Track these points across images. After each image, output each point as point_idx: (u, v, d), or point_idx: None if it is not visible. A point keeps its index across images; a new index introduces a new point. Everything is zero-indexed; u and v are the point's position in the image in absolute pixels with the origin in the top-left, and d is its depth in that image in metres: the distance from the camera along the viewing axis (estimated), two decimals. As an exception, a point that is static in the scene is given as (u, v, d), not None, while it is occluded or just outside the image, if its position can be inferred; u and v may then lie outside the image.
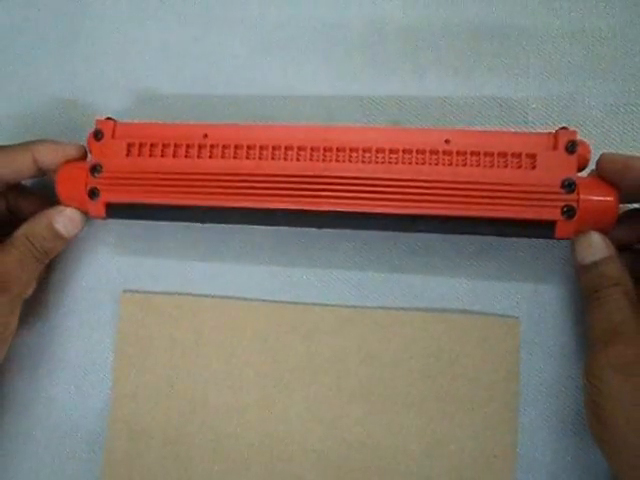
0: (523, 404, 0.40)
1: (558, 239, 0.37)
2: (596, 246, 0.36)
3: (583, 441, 0.40)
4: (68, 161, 0.41)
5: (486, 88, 0.43)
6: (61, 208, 0.41)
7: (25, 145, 0.40)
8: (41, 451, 0.45)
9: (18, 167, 0.40)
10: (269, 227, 0.42)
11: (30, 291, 0.42)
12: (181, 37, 0.46)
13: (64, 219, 0.41)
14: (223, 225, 0.43)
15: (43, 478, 0.44)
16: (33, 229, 0.40)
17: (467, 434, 0.40)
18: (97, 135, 0.40)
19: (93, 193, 0.40)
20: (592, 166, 0.37)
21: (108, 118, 0.41)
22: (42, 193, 0.45)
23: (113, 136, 0.40)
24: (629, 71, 0.41)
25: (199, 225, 0.43)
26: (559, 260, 0.41)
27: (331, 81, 0.44)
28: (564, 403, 0.40)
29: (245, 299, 0.43)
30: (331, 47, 0.44)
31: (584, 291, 0.37)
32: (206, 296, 0.44)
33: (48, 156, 0.40)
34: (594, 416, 0.35)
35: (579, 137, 0.36)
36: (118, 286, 0.45)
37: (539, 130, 0.41)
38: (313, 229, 0.41)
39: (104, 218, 0.40)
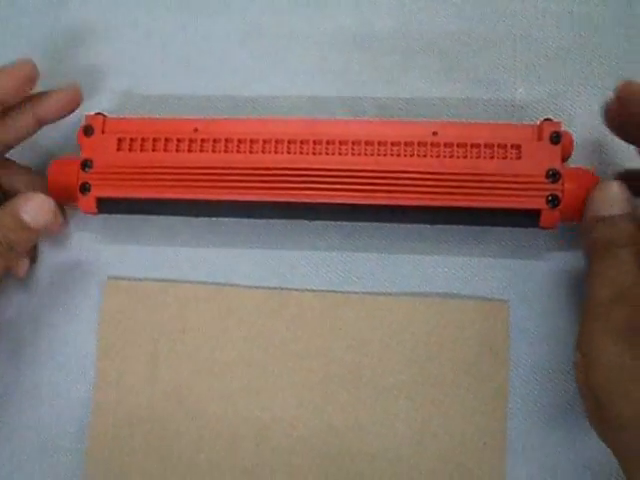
0: (513, 390, 0.40)
1: (543, 228, 0.37)
2: (617, 199, 0.34)
3: (574, 427, 0.40)
4: (59, 159, 0.41)
5: (473, 72, 0.43)
6: (29, 195, 0.37)
7: (25, 107, 0.40)
8: (24, 441, 0.44)
9: (22, 130, 0.39)
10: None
11: None
12: (167, 25, 0.46)
13: (32, 207, 0.37)
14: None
15: (27, 469, 0.44)
16: None
17: (456, 421, 0.40)
18: (87, 130, 0.40)
19: (84, 188, 0.40)
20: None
21: (98, 113, 0.41)
22: (36, 171, 0.44)
23: (103, 131, 0.40)
24: (618, 55, 0.42)
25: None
26: (549, 242, 0.41)
27: (317, 77, 0.44)
28: (555, 388, 0.40)
29: (231, 285, 0.44)
30: (318, 40, 0.45)
31: (591, 248, 0.35)
32: (191, 282, 0.44)
33: (48, 109, 0.40)
34: (588, 394, 0.33)
35: (563, 128, 0.37)
36: (102, 273, 0.45)
37: (526, 114, 0.42)
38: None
39: (95, 213, 0.40)
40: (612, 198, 0.34)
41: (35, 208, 0.37)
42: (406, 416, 0.41)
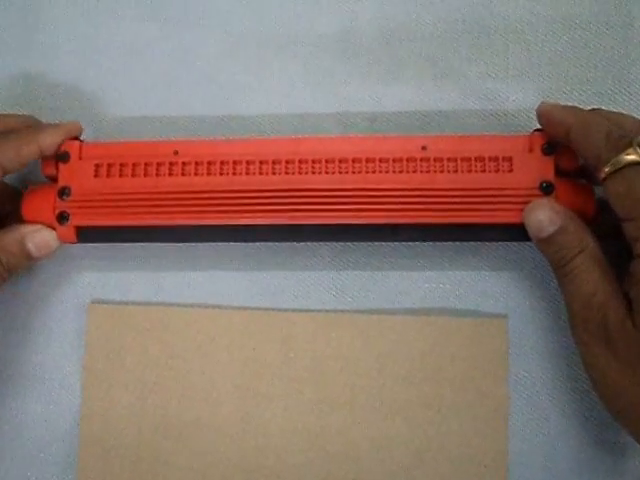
0: (513, 409, 0.39)
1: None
2: (546, 217, 0.35)
3: (577, 446, 0.39)
4: (34, 187, 0.40)
5: (464, 80, 0.42)
6: (37, 227, 0.39)
7: (30, 137, 0.39)
8: (8, 476, 0.43)
9: (25, 159, 0.38)
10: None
11: None
12: (144, 38, 0.45)
13: (38, 240, 0.39)
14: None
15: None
16: (2, 243, 0.38)
17: (455, 442, 0.39)
18: (63, 157, 0.39)
19: (62, 217, 0.38)
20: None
21: (74, 138, 0.40)
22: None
23: (80, 157, 0.39)
24: (613, 59, 0.41)
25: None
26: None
27: (303, 91, 0.43)
28: (557, 407, 0.39)
29: (219, 307, 0.43)
30: (304, 52, 0.43)
31: (552, 267, 0.36)
32: (178, 305, 0.43)
33: (50, 141, 0.39)
34: (601, 401, 0.34)
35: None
36: (86, 297, 0.43)
37: (519, 123, 0.41)
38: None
39: (75, 243, 0.39)
40: (541, 218, 0.35)
41: (41, 241, 0.39)
42: (403, 439, 0.40)
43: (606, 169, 0.32)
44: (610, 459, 0.39)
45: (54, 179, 0.40)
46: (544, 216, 0.35)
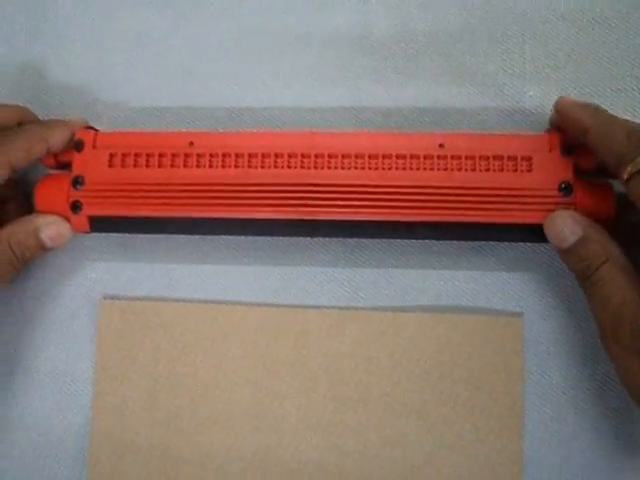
0: (528, 408, 0.39)
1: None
2: (568, 228, 0.34)
3: (592, 445, 0.39)
4: (48, 176, 0.40)
5: (481, 75, 0.41)
6: (52, 219, 0.39)
7: (39, 135, 0.38)
8: (19, 473, 0.43)
9: (34, 157, 0.38)
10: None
11: None
12: (159, 32, 0.44)
13: (53, 231, 0.39)
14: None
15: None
16: (17, 235, 0.38)
17: (470, 441, 0.39)
18: (78, 146, 0.39)
19: (76, 207, 0.38)
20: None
21: (89, 127, 0.40)
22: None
23: (94, 146, 0.39)
24: (634, 54, 0.40)
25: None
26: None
27: (317, 85, 0.43)
28: (573, 406, 0.39)
29: (232, 303, 0.42)
30: (319, 45, 0.43)
31: (576, 277, 0.35)
32: (190, 300, 0.42)
33: (59, 139, 0.39)
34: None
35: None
36: (97, 292, 0.43)
37: (537, 120, 0.40)
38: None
39: (88, 232, 0.39)
40: (562, 229, 0.34)
41: (55, 233, 0.39)
42: (417, 437, 0.39)
43: (629, 168, 0.32)
44: (626, 458, 0.38)
45: (53, 168, 0.40)
46: (565, 226, 0.34)
